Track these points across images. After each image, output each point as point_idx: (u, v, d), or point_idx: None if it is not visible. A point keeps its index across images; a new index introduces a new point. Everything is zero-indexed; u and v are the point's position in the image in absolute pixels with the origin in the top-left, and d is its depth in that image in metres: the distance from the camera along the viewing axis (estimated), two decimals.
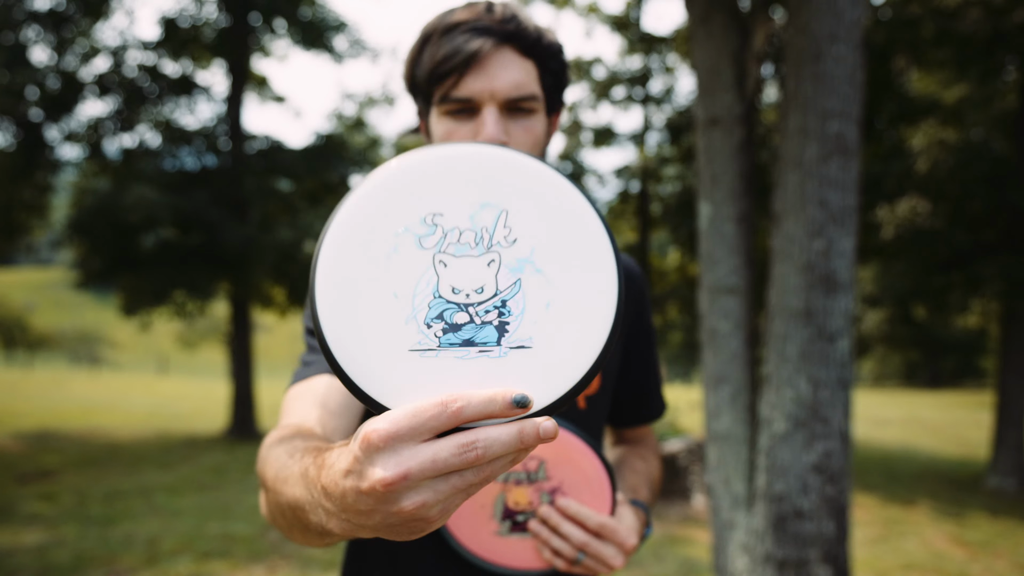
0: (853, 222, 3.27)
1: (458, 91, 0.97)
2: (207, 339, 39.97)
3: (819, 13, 3.18)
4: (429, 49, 0.99)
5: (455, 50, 0.96)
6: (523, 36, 0.98)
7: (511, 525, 0.97)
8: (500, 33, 0.97)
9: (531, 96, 0.99)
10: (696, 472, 7.38)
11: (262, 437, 11.65)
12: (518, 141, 1.00)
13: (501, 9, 0.99)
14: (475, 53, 0.95)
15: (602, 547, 0.93)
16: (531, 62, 1.00)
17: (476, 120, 0.99)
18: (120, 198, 10.24)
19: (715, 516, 3.72)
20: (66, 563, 4.92)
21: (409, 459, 0.51)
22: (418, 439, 0.51)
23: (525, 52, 0.99)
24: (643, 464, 1.25)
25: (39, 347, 41.17)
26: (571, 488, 0.95)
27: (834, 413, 3.23)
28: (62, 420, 12.90)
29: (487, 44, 0.96)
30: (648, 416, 1.31)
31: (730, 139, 3.69)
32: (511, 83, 0.97)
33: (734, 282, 3.69)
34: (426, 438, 0.51)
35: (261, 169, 12.02)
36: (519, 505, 0.96)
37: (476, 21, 0.97)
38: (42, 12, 10.83)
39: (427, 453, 0.51)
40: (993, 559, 5.79)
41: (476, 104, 0.98)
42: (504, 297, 0.56)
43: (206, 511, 6.55)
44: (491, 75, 0.97)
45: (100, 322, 54.60)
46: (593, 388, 1.14)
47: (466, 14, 0.99)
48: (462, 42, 0.96)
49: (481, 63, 0.96)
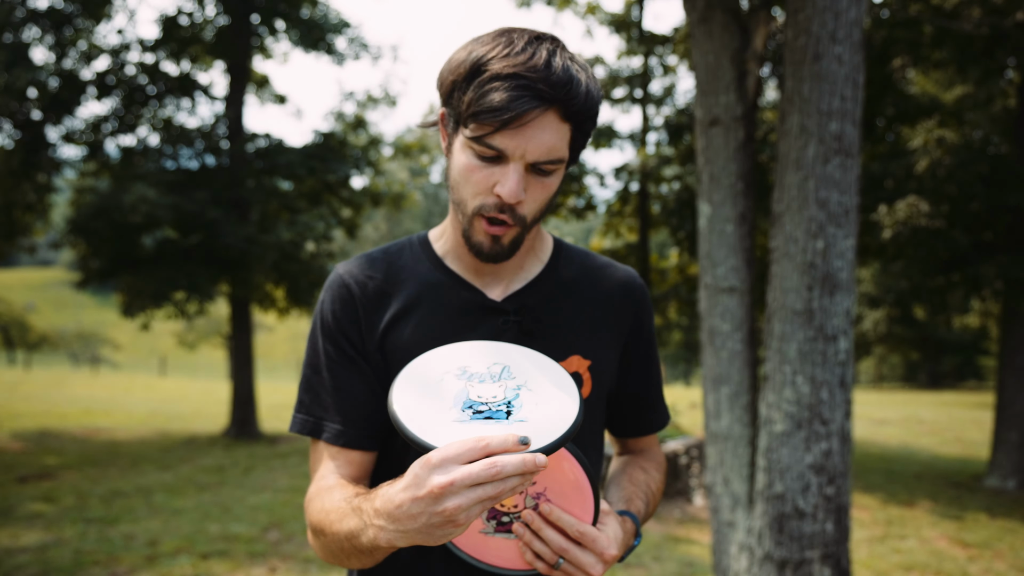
0: (853, 222, 3.27)
1: (492, 140, 1.00)
2: (207, 339, 39.97)
3: (819, 13, 3.18)
4: (474, 88, 0.99)
5: (500, 106, 0.97)
6: (571, 102, 0.99)
7: (496, 525, 1.00)
8: (550, 98, 0.98)
9: (559, 160, 1.03)
10: (696, 472, 7.38)
11: (262, 437, 11.67)
12: (533, 196, 1.05)
13: (559, 69, 0.99)
14: (518, 116, 0.97)
15: (581, 554, 0.96)
16: (568, 125, 1.02)
17: (499, 168, 1.02)
18: (120, 198, 10.24)
19: (715, 516, 3.72)
20: (66, 563, 4.92)
21: (455, 472, 0.78)
22: (460, 462, 0.79)
23: (566, 116, 1.01)
24: (643, 475, 1.26)
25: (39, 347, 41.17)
26: (556, 494, 0.97)
27: (834, 413, 3.23)
28: (62, 420, 12.90)
29: (534, 111, 0.98)
30: (649, 426, 1.31)
31: (730, 139, 3.69)
32: (544, 148, 1.00)
33: (734, 282, 3.69)
34: (465, 462, 0.79)
35: (261, 169, 12.02)
36: (505, 506, 0.99)
37: (531, 80, 0.97)
38: (42, 12, 10.83)
39: (466, 469, 0.78)
40: (993, 559, 5.79)
41: (505, 157, 1.01)
42: (509, 399, 0.91)
43: (206, 511, 6.55)
44: (528, 137, 0.99)
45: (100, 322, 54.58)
46: (584, 393, 1.16)
47: (522, 64, 0.98)
48: (509, 99, 0.96)
49: (522, 122, 0.98)
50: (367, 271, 1.18)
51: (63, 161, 11.90)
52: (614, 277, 1.25)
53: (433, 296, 1.16)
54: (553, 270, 1.21)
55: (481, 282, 1.17)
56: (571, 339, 1.16)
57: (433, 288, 1.16)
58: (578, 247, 1.28)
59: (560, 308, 1.18)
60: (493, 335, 1.13)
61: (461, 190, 1.06)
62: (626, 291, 1.24)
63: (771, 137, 8.79)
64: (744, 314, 3.69)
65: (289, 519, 6.34)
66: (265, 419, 13.53)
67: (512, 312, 1.15)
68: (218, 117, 12.36)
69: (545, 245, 1.23)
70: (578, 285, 1.21)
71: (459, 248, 1.17)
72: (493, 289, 1.17)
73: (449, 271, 1.18)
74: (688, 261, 12.35)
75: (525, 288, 1.17)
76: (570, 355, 1.15)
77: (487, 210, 1.05)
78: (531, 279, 1.19)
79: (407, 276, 1.18)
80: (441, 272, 1.18)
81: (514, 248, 1.09)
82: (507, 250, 1.09)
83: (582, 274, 1.23)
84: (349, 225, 13.26)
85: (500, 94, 0.97)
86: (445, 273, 1.17)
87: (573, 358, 1.15)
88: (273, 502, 7.01)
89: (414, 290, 1.16)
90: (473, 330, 1.13)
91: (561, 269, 1.21)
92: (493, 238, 1.07)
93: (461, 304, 1.15)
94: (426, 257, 1.20)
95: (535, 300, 1.17)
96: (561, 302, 1.18)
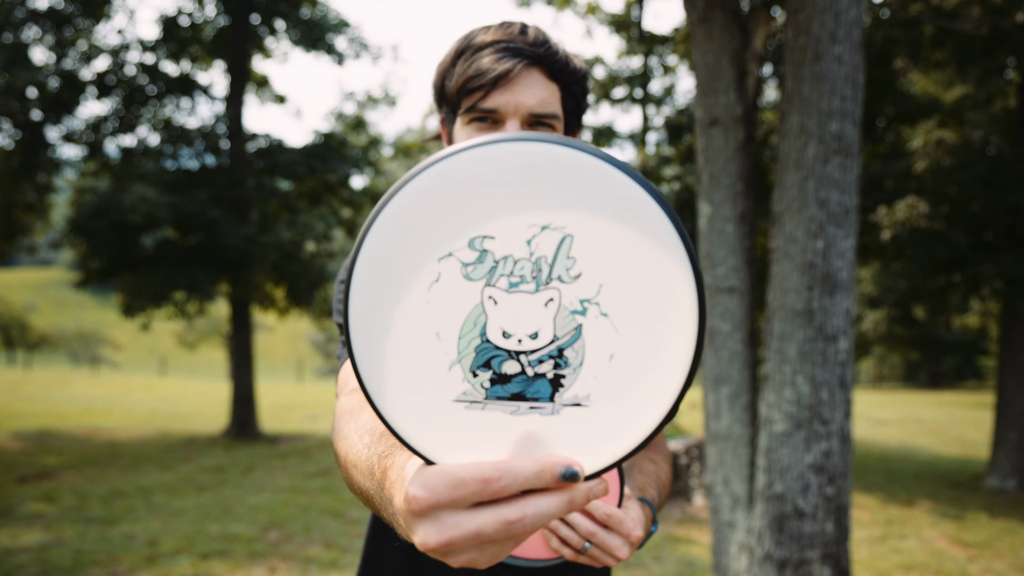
0: (853, 222, 3.27)
1: (485, 103, 1.04)
2: (207, 339, 39.98)
3: (819, 13, 3.18)
4: (461, 63, 1.06)
5: (487, 68, 1.03)
6: (552, 60, 1.06)
7: None
8: (531, 55, 1.04)
9: (553, 115, 1.07)
10: (696, 472, 7.38)
11: (262, 437, 11.66)
12: None
13: (534, 32, 1.06)
14: (506, 72, 1.03)
15: (608, 537, 0.94)
16: (556, 85, 1.07)
17: (499, 129, 1.06)
18: (120, 198, 10.24)
19: (715, 516, 3.72)
20: (66, 563, 4.92)
21: (452, 529, 0.49)
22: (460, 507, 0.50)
23: (551, 75, 1.06)
24: (652, 467, 1.26)
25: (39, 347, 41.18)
26: None
27: (834, 413, 3.23)
28: (62, 420, 12.90)
29: (518, 65, 1.03)
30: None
31: (730, 139, 3.69)
32: (537, 99, 1.05)
33: (734, 282, 3.69)
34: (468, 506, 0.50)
35: (261, 169, 12.02)
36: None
37: (509, 41, 1.04)
38: (42, 12, 10.83)
39: (470, 526, 0.49)
40: (993, 559, 5.79)
41: (501, 116, 1.05)
42: (562, 345, 0.49)
43: (206, 511, 6.55)
44: (518, 91, 1.04)
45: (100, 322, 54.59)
46: None
47: (500, 33, 1.05)
48: (494, 60, 1.03)
49: (510, 81, 1.04)
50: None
51: (63, 161, 11.91)
52: None
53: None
54: None
55: None
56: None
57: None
58: None
59: None
60: None
61: None
62: None
63: (771, 138, 8.79)
64: (744, 314, 3.69)
65: (289, 519, 6.34)
66: (265, 419, 13.53)
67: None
68: (218, 117, 12.36)
69: None
70: None
71: None
72: None
73: None
74: None
75: None
76: None
77: None
78: None
79: None
80: None
81: None
82: None
83: None
84: (349, 225, 13.26)
85: (485, 59, 1.04)
86: None
87: None
88: (273, 502, 7.01)
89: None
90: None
91: None
92: None
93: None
94: None
95: None
96: None
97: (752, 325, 3.71)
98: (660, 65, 12.45)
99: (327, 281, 12.24)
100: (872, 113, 9.12)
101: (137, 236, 11.06)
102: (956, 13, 8.21)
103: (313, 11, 12.83)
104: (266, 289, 12.31)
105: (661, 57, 12.32)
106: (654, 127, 12.47)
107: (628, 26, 12.36)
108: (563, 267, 0.48)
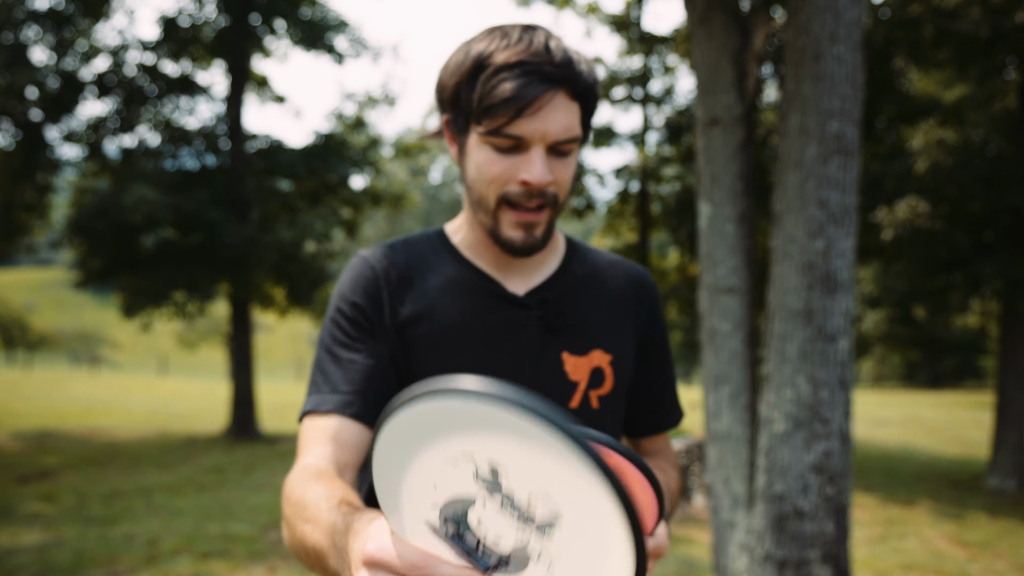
0: (853, 222, 3.27)
1: (510, 129, 1.01)
2: (207, 339, 39.98)
3: (819, 13, 3.18)
4: (482, 82, 1.01)
5: (513, 94, 0.99)
6: (576, 80, 1.02)
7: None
8: (558, 79, 1.00)
9: (576, 138, 1.05)
10: (696, 472, 7.39)
11: (262, 437, 11.66)
12: (561, 179, 1.06)
13: (557, 48, 1.02)
14: (533, 99, 0.99)
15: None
16: (577, 104, 1.05)
17: (521, 156, 1.03)
18: (120, 198, 10.24)
19: (715, 516, 3.72)
20: (66, 563, 4.92)
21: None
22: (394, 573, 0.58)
23: (574, 95, 1.03)
24: (661, 475, 1.24)
25: (39, 347, 41.18)
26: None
27: (834, 413, 3.23)
28: (62, 420, 12.90)
29: (546, 93, 1.00)
30: (662, 425, 1.30)
31: (730, 139, 3.69)
32: (562, 127, 1.02)
33: (734, 282, 3.69)
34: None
35: (261, 169, 12.02)
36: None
37: (536, 64, 1.00)
38: (42, 12, 10.83)
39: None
40: (993, 559, 5.79)
41: (526, 144, 1.02)
42: (506, 561, 0.57)
43: (206, 511, 6.55)
44: (544, 119, 1.01)
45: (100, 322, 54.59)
46: (606, 388, 1.15)
47: (524, 52, 1.00)
48: (521, 86, 0.99)
49: (536, 108, 1.00)
50: (390, 256, 1.17)
51: (63, 161, 11.90)
52: (626, 273, 1.24)
53: (455, 289, 1.14)
54: (570, 265, 1.20)
55: (501, 276, 1.16)
56: (592, 333, 1.15)
57: (454, 281, 1.15)
58: (588, 244, 1.28)
59: (582, 302, 1.17)
60: (515, 329, 1.12)
61: (482, 186, 1.06)
62: (639, 287, 1.24)
63: (771, 138, 8.79)
64: (744, 314, 3.69)
65: None
66: (265, 419, 13.53)
67: (536, 306, 1.14)
68: (218, 117, 12.36)
69: (559, 241, 1.23)
70: (594, 280, 1.21)
71: (478, 244, 1.16)
72: (514, 284, 1.16)
73: (470, 264, 1.16)
74: (688, 261, 12.35)
75: (546, 282, 1.16)
76: (592, 349, 1.15)
77: (513, 197, 1.05)
78: (551, 273, 1.18)
79: (428, 267, 1.16)
80: (462, 265, 1.16)
81: (547, 238, 1.10)
82: (541, 241, 1.09)
83: (596, 270, 1.22)
84: (349, 225, 13.26)
85: (510, 83, 0.99)
86: (466, 266, 1.16)
87: (595, 352, 1.15)
88: (273, 502, 7.01)
89: (435, 282, 1.15)
90: (495, 324, 1.12)
91: (577, 264, 1.21)
92: (526, 228, 1.07)
93: (483, 298, 1.14)
94: (445, 250, 1.18)
95: (557, 294, 1.16)
96: (582, 296, 1.18)
97: (752, 325, 3.71)
98: (660, 65, 12.45)
99: (327, 281, 12.24)
100: (872, 113, 9.12)
101: (137, 236, 11.07)
102: (956, 13, 8.21)
103: (313, 11, 12.83)
104: (266, 289, 12.32)
105: (661, 57, 12.32)
106: (654, 127, 12.47)
107: (628, 26, 12.36)
108: (543, 521, 0.55)
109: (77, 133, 11.61)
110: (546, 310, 1.13)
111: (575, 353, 1.13)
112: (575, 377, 1.13)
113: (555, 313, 1.14)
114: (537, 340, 1.12)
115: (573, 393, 1.12)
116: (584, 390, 1.13)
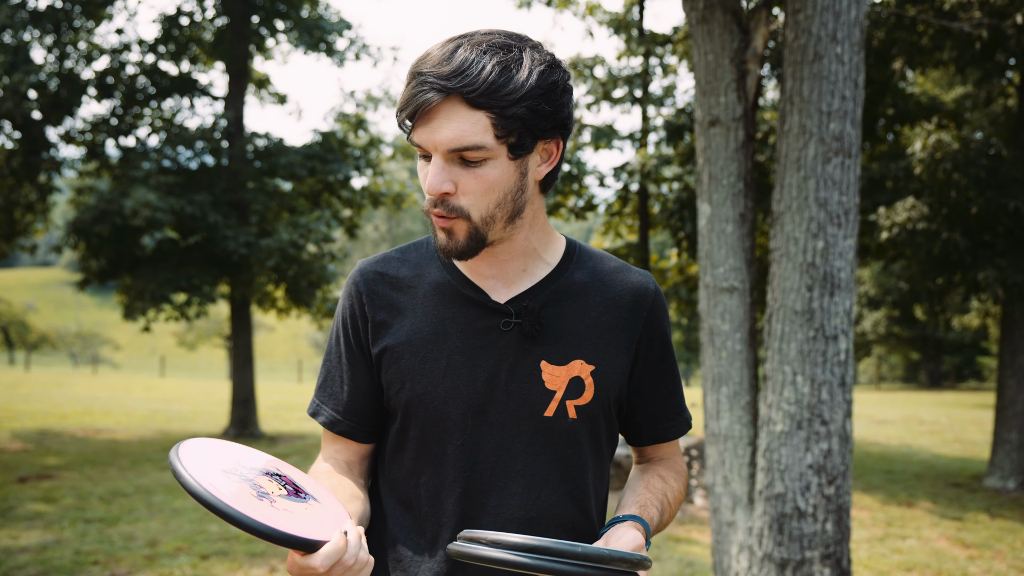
0: (853, 222, 3.27)
1: (412, 137, 1.06)
2: (207, 339, 39.97)
3: (819, 13, 3.18)
4: (404, 90, 1.07)
5: (407, 101, 1.04)
6: (470, 88, 1.00)
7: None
8: (444, 88, 1.00)
9: (474, 146, 1.02)
10: (696, 472, 7.39)
11: (262, 437, 11.66)
12: (467, 188, 1.06)
13: (460, 58, 1.01)
14: (422, 106, 1.02)
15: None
16: (481, 112, 1.02)
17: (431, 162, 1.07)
18: (120, 200, 10.25)
19: (715, 516, 3.72)
20: (66, 563, 4.92)
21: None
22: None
23: (472, 103, 1.01)
24: (660, 483, 1.24)
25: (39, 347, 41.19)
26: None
27: (834, 413, 3.23)
28: (62, 420, 12.90)
29: (435, 98, 1.01)
30: (664, 435, 1.29)
31: (730, 139, 3.69)
32: (451, 136, 1.02)
33: (734, 282, 3.69)
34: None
35: (261, 169, 12.01)
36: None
37: (425, 74, 1.02)
38: (42, 12, 10.83)
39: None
40: (993, 559, 5.79)
41: (426, 152, 1.06)
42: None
43: (206, 511, 6.55)
44: (434, 127, 1.03)
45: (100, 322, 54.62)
46: (585, 398, 1.15)
47: (421, 62, 1.05)
48: (411, 95, 1.03)
49: (428, 115, 1.03)
50: (379, 269, 1.22)
51: (63, 161, 11.90)
52: (626, 282, 1.23)
53: (436, 296, 1.17)
54: (561, 273, 1.20)
55: (486, 284, 1.17)
56: (574, 343, 1.16)
57: (437, 288, 1.18)
58: (596, 250, 1.27)
59: (565, 312, 1.17)
60: (494, 336, 1.14)
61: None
62: (638, 296, 1.22)
63: (771, 138, 8.79)
64: (744, 314, 3.69)
65: None
66: (265, 419, 13.53)
67: (514, 314, 1.15)
68: (218, 117, 12.35)
69: (554, 248, 1.22)
70: (587, 289, 1.20)
71: None
72: (497, 291, 1.17)
73: (456, 272, 1.19)
74: (688, 261, 12.35)
75: (528, 291, 1.17)
76: (572, 359, 1.15)
77: (428, 205, 1.08)
78: (536, 282, 1.18)
79: (416, 275, 1.20)
80: (448, 272, 1.19)
81: (473, 244, 1.09)
82: (463, 245, 1.09)
83: (593, 278, 1.22)
84: (349, 225, 13.26)
85: (405, 93, 1.05)
86: (451, 273, 1.19)
87: (575, 363, 1.15)
88: None
89: (422, 290, 1.19)
90: (474, 331, 1.15)
91: (571, 272, 1.21)
92: (446, 233, 1.09)
93: (464, 305, 1.16)
94: (436, 257, 1.21)
95: (538, 303, 1.16)
96: (566, 306, 1.18)
97: (752, 325, 3.71)
98: (660, 65, 12.44)
99: (327, 282, 12.24)
100: (872, 113, 9.11)
101: (137, 237, 11.07)
102: (955, 14, 8.21)
103: (313, 11, 12.83)
104: (266, 289, 12.32)
105: (661, 57, 12.31)
106: (654, 127, 12.46)
107: (628, 26, 12.35)
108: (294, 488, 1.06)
109: (77, 133, 11.61)
110: (524, 318, 1.14)
111: (553, 362, 1.15)
112: (552, 386, 1.14)
113: (532, 321, 1.14)
114: (515, 348, 1.14)
115: (549, 402, 1.14)
116: (560, 399, 1.14)
